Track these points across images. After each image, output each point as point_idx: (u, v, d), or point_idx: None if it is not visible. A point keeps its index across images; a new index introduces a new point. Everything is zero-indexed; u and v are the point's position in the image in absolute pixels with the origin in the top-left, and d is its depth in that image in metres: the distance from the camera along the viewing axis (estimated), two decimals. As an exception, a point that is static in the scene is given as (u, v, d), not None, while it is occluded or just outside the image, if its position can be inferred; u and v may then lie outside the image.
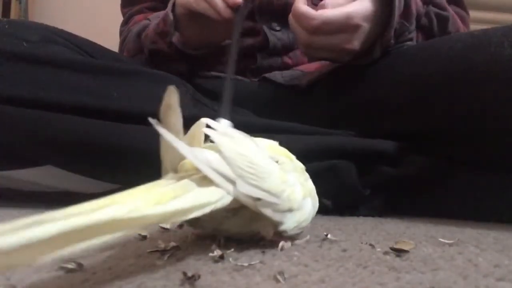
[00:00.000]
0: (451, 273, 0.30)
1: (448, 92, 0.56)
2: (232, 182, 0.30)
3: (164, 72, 0.67)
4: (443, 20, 0.69)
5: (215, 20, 0.61)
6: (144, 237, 0.39)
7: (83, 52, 0.67)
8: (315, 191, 0.41)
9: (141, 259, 0.32)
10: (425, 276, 0.30)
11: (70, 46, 0.65)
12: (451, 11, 0.72)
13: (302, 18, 0.57)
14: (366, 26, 0.60)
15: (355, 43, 0.60)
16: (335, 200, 0.64)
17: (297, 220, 0.35)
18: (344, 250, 0.36)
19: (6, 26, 0.61)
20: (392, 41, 0.63)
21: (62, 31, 0.67)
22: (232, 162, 0.31)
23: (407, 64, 0.62)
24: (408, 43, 0.65)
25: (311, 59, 0.75)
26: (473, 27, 0.81)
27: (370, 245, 0.38)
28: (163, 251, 0.34)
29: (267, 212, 0.33)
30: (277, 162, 0.36)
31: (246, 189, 0.31)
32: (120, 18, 0.88)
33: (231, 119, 0.50)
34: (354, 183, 0.60)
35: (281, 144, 0.46)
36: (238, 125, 0.59)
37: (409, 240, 0.40)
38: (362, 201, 0.61)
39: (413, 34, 0.66)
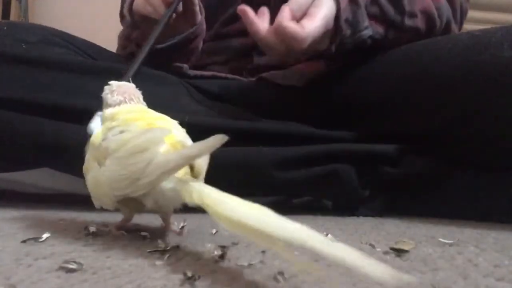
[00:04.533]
0: (451, 273, 0.30)
1: (448, 92, 0.56)
2: None
3: (164, 73, 0.67)
4: (395, 1, 0.64)
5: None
6: (144, 237, 0.39)
7: (83, 54, 0.67)
8: None
9: (141, 259, 0.32)
10: (425, 276, 0.30)
11: (70, 47, 0.65)
12: None
13: (292, 40, 0.55)
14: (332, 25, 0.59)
15: (326, 41, 0.61)
16: (336, 202, 0.64)
17: None
18: (344, 250, 0.36)
19: (5, 28, 0.61)
20: (348, 31, 0.61)
21: (61, 32, 0.67)
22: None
23: (407, 64, 0.61)
24: (364, 32, 0.62)
25: (310, 58, 0.74)
26: (473, 27, 0.81)
27: (370, 245, 0.38)
28: (163, 251, 0.34)
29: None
30: None
31: None
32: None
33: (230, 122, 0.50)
34: (354, 186, 0.60)
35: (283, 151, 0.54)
36: (238, 130, 0.60)
37: (409, 240, 0.40)
38: (362, 202, 0.62)
39: (367, 22, 0.62)
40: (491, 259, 0.35)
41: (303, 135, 0.63)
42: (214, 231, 0.43)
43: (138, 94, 0.44)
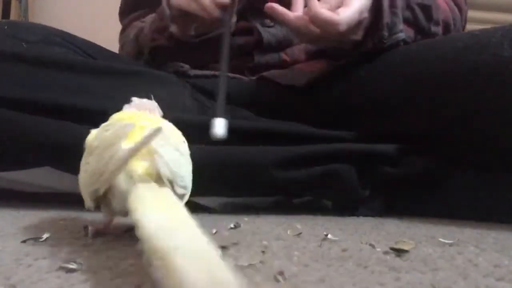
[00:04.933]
0: (451, 273, 0.30)
1: (448, 92, 0.56)
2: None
3: (164, 73, 0.67)
4: (426, 9, 0.68)
5: (205, 18, 0.64)
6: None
7: (83, 53, 0.67)
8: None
9: (141, 259, 0.32)
10: (425, 276, 0.30)
11: (70, 47, 0.65)
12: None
13: (327, 25, 0.58)
14: (367, 16, 0.62)
15: (360, 33, 0.63)
16: (336, 202, 0.64)
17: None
18: (344, 250, 0.37)
19: (6, 27, 0.61)
20: (385, 32, 0.63)
21: (62, 31, 0.67)
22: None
23: (407, 64, 0.62)
24: (400, 34, 0.64)
25: (311, 57, 0.75)
26: (473, 27, 0.81)
27: (370, 245, 0.38)
28: (163, 251, 0.34)
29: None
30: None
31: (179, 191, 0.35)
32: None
33: (230, 121, 0.51)
34: (354, 186, 0.60)
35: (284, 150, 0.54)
36: (238, 130, 0.60)
37: (409, 240, 0.40)
38: (362, 202, 0.62)
39: (402, 26, 0.65)
40: (491, 259, 0.35)
41: (303, 135, 0.63)
42: (214, 231, 0.43)
43: (157, 111, 0.43)
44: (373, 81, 0.65)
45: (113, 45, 0.84)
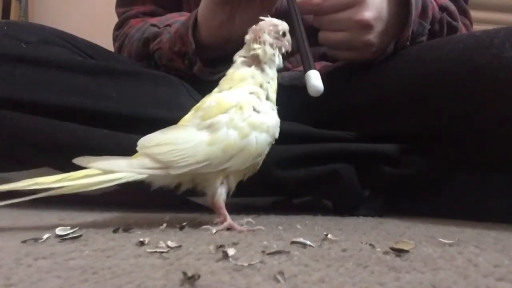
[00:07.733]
0: (451, 273, 0.30)
1: (449, 92, 0.56)
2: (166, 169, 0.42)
3: (163, 73, 0.67)
4: (452, 30, 0.70)
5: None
6: (144, 238, 0.39)
7: (82, 53, 0.67)
8: (263, 120, 0.49)
9: (141, 259, 0.32)
10: (425, 276, 0.30)
11: (70, 47, 0.65)
12: (460, 23, 0.72)
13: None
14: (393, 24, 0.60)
15: (371, 37, 0.59)
16: (336, 202, 0.64)
17: (243, 159, 0.45)
18: (344, 250, 0.36)
19: (5, 28, 0.61)
20: (408, 43, 0.62)
21: (61, 32, 0.67)
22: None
23: (408, 64, 0.61)
24: (421, 39, 0.65)
25: (332, 60, 0.74)
26: (474, 27, 0.81)
27: (370, 245, 0.38)
28: (163, 251, 0.34)
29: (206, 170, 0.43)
30: (208, 127, 0.45)
31: (177, 171, 0.42)
32: (120, 19, 0.88)
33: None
34: (354, 186, 0.60)
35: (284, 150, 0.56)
36: None
37: (409, 240, 0.40)
38: (362, 202, 0.62)
39: (425, 38, 0.66)
40: (491, 259, 0.35)
41: (303, 134, 0.63)
42: (214, 231, 0.43)
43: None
44: (374, 81, 0.65)
45: (113, 45, 0.84)
